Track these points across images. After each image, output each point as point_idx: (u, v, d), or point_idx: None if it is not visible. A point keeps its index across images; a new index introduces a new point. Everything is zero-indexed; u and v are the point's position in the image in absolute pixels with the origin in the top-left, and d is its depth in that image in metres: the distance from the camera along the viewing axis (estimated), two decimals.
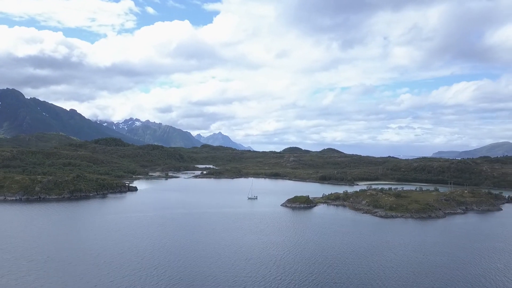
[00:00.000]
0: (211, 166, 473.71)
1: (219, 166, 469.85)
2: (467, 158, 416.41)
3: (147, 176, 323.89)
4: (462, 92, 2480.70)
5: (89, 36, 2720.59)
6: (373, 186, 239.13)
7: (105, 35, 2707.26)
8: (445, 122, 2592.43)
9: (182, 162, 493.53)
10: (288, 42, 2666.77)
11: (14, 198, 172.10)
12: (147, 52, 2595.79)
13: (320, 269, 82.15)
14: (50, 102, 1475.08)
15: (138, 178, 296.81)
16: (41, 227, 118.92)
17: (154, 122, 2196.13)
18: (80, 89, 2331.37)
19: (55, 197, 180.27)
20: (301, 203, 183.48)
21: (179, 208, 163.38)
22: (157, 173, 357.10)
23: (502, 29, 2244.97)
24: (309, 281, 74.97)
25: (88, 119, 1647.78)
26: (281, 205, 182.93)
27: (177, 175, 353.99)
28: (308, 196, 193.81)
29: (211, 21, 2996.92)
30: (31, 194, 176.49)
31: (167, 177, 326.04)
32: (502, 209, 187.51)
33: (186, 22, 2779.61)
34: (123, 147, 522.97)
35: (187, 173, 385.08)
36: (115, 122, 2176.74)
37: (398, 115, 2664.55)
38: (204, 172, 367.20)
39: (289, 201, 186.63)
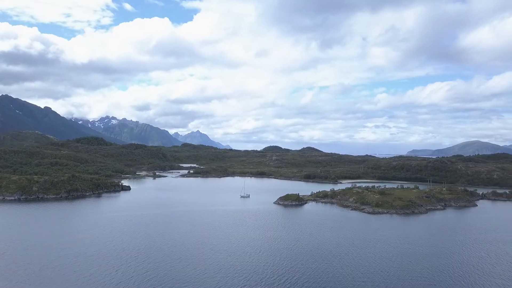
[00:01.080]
0: (194, 165, 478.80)
1: (203, 165, 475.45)
2: (442, 157, 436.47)
3: (134, 176, 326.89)
4: (436, 92, 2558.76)
5: (64, 32, 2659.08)
6: (358, 184, 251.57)
7: (81, 32, 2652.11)
8: (419, 121, 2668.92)
9: (166, 161, 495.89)
10: (268, 42, 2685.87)
11: (13, 198, 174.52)
12: (125, 49, 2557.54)
13: (327, 259, 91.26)
14: (23, 100, 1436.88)
15: (127, 178, 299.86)
16: (55, 225, 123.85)
17: (131, 120, 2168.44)
18: (55, 86, 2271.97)
19: (53, 196, 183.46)
20: (292, 201, 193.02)
21: (179, 206, 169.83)
22: (143, 173, 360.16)
23: (475, 32, 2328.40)
24: (323, 267, 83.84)
25: (63, 117, 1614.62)
26: (273, 202, 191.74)
27: (164, 174, 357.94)
28: (298, 194, 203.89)
29: (190, 19, 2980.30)
30: (29, 194, 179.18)
31: (155, 176, 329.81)
32: (477, 205, 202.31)
33: (166, 19, 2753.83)
34: (105, 146, 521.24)
35: (173, 172, 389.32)
36: (90, 120, 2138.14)
37: (375, 114, 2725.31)
38: (191, 171, 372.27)
39: (281, 198, 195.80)
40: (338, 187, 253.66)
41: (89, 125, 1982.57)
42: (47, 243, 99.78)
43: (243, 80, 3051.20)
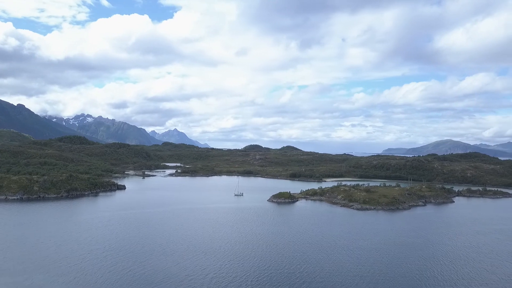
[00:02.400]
0: (179, 165, 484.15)
1: (188, 164, 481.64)
2: (418, 156, 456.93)
3: (124, 175, 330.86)
4: (412, 92, 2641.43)
5: (38, 27, 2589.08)
6: (343, 183, 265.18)
7: (57, 27, 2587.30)
8: (395, 120, 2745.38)
9: (150, 161, 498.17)
10: (248, 40, 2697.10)
11: (15, 198, 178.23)
12: (103, 46, 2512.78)
13: (333, 249, 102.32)
14: None
15: (117, 177, 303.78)
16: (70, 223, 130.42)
17: (107, 118, 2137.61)
18: (28, 83, 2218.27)
19: (54, 196, 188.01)
20: (285, 199, 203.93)
21: (180, 204, 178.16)
22: (131, 172, 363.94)
23: (449, 34, 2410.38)
24: (331, 256, 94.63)
25: (37, 115, 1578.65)
26: (267, 200, 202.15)
27: (152, 173, 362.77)
28: (290, 192, 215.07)
29: (171, 16, 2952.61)
30: (30, 194, 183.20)
31: (144, 175, 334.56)
32: (454, 202, 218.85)
33: (145, 16, 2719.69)
34: (88, 145, 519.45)
35: (160, 171, 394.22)
36: (65, 118, 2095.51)
37: (352, 114, 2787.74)
38: (178, 170, 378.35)
39: (274, 196, 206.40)
40: (323, 185, 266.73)
41: (64, 123, 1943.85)
42: (73, 238, 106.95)
43: (222, 79, 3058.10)
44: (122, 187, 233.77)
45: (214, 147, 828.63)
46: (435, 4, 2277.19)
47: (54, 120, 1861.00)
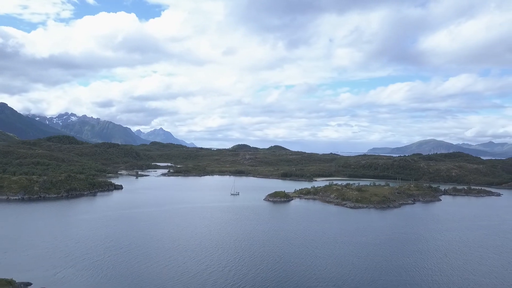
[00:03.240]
0: (170, 164, 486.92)
1: (178, 164, 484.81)
2: (404, 156, 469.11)
3: (117, 175, 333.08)
4: (397, 92, 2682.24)
5: (20, 24, 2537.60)
6: (331, 182, 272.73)
7: (41, 25, 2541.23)
8: (380, 120, 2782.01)
9: (139, 160, 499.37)
10: (235, 40, 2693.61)
11: (16, 198, 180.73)
12: (89, 44, 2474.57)
13: (334, 243, 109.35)
14: None
15: (111, 177, 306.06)
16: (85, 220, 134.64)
17: (92, 117, 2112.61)
18: (11, 81, 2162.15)
19: (54, 196, 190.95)
20: (281, 198, 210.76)
21: (179, 203, 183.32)
22: (124, 172, 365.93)
23: (433, 35, 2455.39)
24: (334, 250, 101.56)
25: (20, 114, 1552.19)
26: (263, 199, 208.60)
27: (145, 173, 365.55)
28: (284, 191, 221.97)
29: (158, 15, 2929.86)
30: (31, 194, 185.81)
31: (137, 175, 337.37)
32: (441, 200, 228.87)
33: (132, 15, 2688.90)
34: (78, 145, 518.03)
35: (152, 171, 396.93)
36: (48, 117, 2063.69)
37: (338, 113, 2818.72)
38: (171, 170, 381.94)
39: (270, 195, 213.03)
40: (314, 184, 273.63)
41: (47, 122, 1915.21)
42: (87, 236, 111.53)
43: (209, 78, 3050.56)
44: (119, 187, 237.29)
45: (201, 147, 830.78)
46: (420, 6, 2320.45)
47: (37, 119, 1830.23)
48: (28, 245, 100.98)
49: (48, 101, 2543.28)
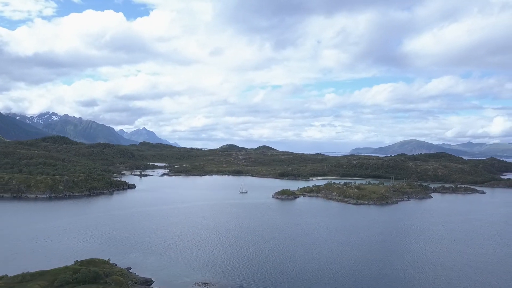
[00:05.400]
0: (166, 164, 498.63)
1: (173, 164, 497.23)
2: (393, 156, 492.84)
3: (121, 175, 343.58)
4: (380, 93, 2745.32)
5: (1, 22, 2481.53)
6: (326, 181, 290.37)
7: (23, 22, 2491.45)
8: (363, 120, 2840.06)
9: (134, 160, 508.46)
10: (223, 40, 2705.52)
11: (44, 196, 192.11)
12: (75, 42, 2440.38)
13: (351, 233, 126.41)
14: None
15: (116, 177, 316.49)
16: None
17: (74, 116, 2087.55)
18: None
19: (78, 194, 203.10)
20: (288, 195, 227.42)
21: (200, 201, 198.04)
22: (126, 172, 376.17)
23: (418, 38, 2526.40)
24: (352, 239, 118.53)
25: (0, 113, 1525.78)
26: (272, 197, 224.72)
27: (148, 173, 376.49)
28: (290, 189, 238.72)
29: (146, 14, 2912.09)
30: (57, 192, 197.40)
31: (141, 175, 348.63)
32: (432, 197, 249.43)
33: (120, 14, 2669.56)
34: (73, 145, 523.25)
35: (153, 171, 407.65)
36: (28, 116, 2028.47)
37: (322, 114, 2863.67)
38: (172, 170, 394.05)
39: (278, 193, 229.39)
40: (310, 183, 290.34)
41: (27, 121, 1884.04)
42: (136, 227, 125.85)
43: (196, 78, 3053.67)
44: (133, 186, 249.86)
45: (184, 146, 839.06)
46: (406, 10, 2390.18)
47: (17, 118, 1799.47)
48: (94, 235, 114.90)
49: (29, 100, 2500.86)
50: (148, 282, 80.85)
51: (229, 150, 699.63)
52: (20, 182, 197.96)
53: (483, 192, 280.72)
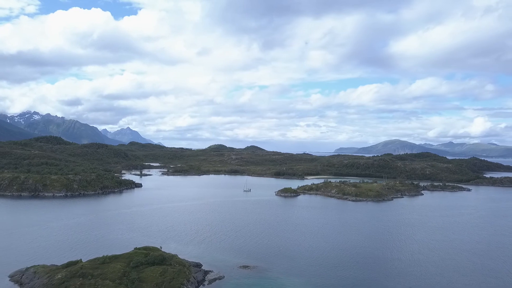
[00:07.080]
0: (160, 164, 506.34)
1: (166, 164, 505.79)
2: (382, 155, 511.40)
3: (121, 174, 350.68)
4: (365, 94, 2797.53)
5: None
6: (321, 180, 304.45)
7: (6, 20, 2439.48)
8: (348, 121, 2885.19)
9: (128, 160, 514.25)
10: (211, 40, 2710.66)
11: (61, 195, 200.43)
12: (60, 41, 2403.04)
13: (354, 228, 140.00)
14: None
15: (117, 176, 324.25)
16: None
17: (56, 115, 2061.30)
18: None
19: (92, 192, 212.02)
20: (290, 193, 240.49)
21: (207, 198, 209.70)
22: (124, 171, 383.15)
23: (402, 40, 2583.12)
24: (360, 232, 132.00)
25: None
26: (275, 194, 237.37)
27: (148, 173, 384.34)
28: (291, 187, 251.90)
29: (134, 13, 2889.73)
30: (73, 191, 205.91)
31: (141, 175, 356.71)
32: (423, 194, 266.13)
33: (107, 12, 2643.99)
34: (66, 145, 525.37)
35: (149, 171, 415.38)
36: (9, 115, 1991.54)
37: (307, 114, 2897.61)
38: (170, 170, 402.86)
39: (281, 191, 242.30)
40: (305, 182, 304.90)
41: (8, 120, 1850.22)
42: (162, 222, 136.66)
43: (183, 77, 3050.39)
44: (140, 185, 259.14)
45: (168, 146, 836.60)
46: (392, 12, 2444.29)
47: None
48: (133, 227, 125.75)
49: (11, 99, 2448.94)
50: (198, 265, 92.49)
51: (220, 150, 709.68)
52: (37, 181, 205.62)
53: (469, 190, 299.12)
